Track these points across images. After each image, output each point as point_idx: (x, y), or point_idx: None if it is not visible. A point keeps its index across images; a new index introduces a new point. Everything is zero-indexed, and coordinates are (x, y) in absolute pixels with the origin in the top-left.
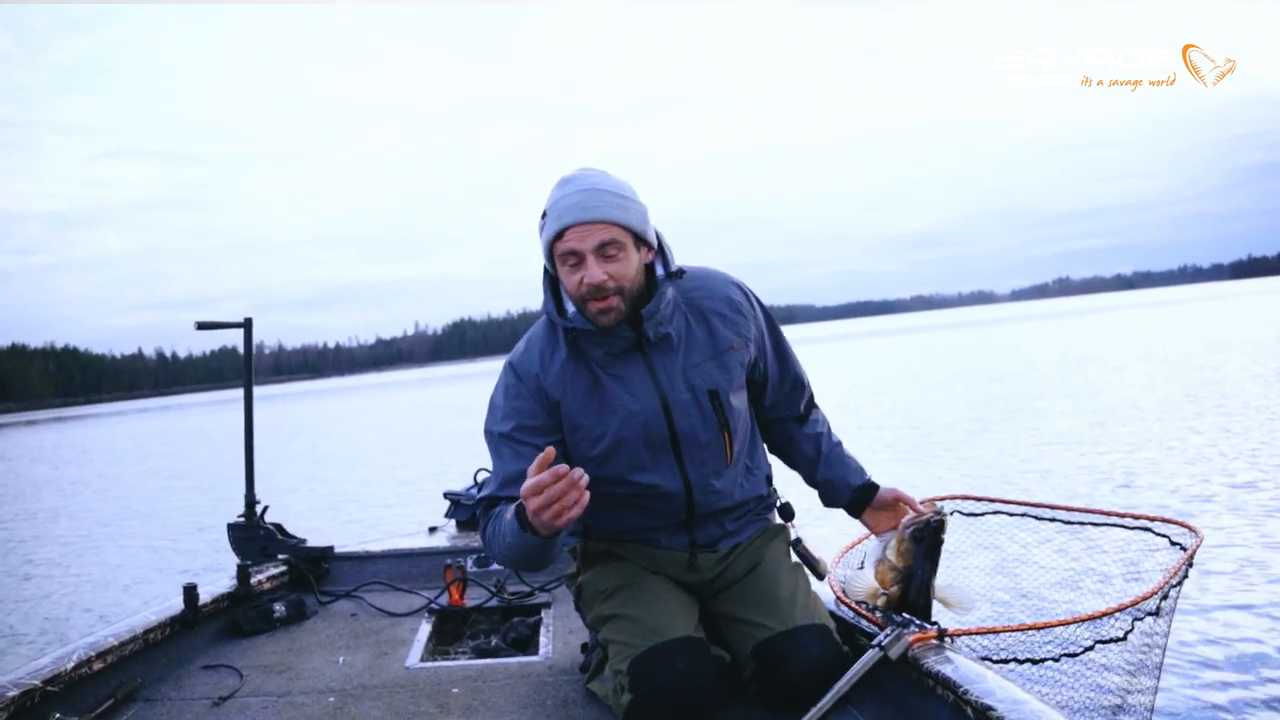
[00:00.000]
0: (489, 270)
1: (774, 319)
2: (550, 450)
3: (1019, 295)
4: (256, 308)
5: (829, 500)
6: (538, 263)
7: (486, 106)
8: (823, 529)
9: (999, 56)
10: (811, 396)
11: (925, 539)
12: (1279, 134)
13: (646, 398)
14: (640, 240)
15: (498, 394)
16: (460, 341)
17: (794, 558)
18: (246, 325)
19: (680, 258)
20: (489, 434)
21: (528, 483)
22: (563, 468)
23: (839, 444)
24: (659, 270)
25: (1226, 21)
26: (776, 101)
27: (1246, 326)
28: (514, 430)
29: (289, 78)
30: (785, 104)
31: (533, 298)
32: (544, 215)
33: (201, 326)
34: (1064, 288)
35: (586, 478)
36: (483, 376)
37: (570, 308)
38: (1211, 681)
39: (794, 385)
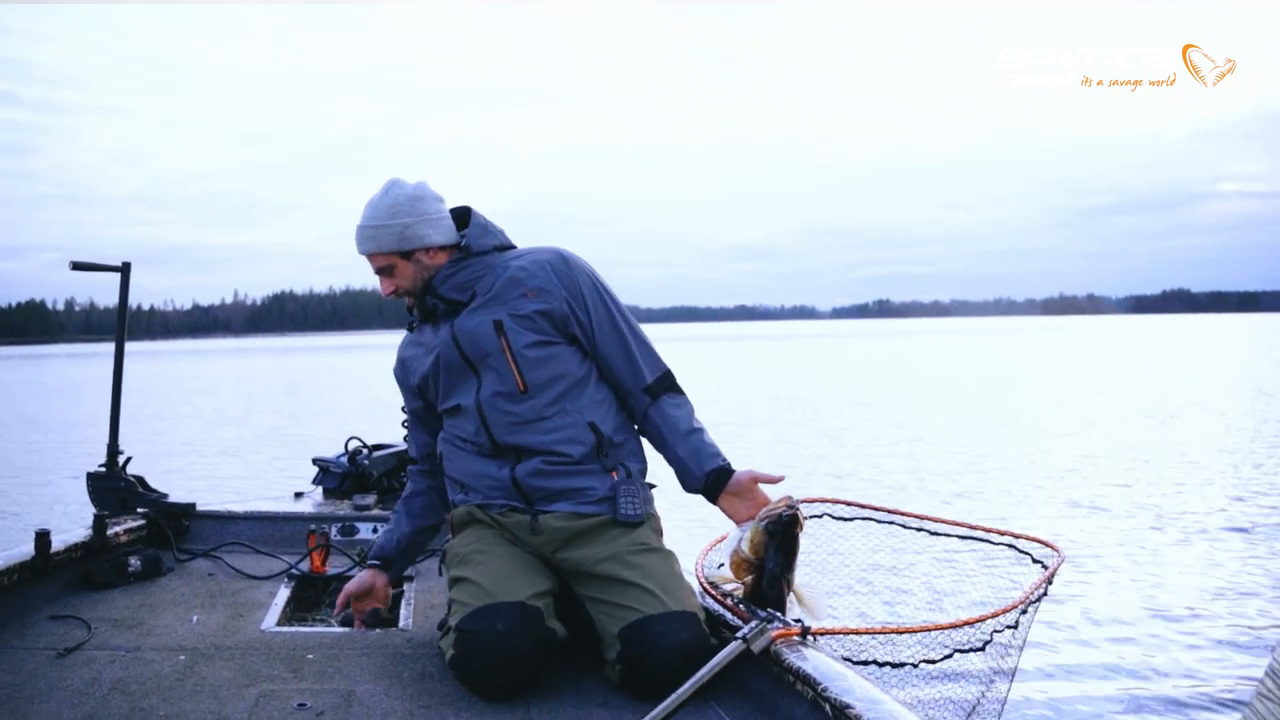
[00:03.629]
0: (318, 244)
1: (603, 288)
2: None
3: (840, 313)
4: (69, 261)
5: (685, 482)
6: None
7: (332, 78)
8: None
9: (1002, 55)
10: (668, 376)
11: (778, 532)
12: (1105, 180)
13: (444, 334)
14: (409, 253)
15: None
16: (280, 314)
17: (664, 542)
18: (124, 269)
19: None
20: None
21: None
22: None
23: (700, 429)
24: (466, 243)
25: (1226, 21)
26: (629, 101)
27: (1062, 357)
28: (409, 412)
29: (131, 24)
30: (638, 105)
31: (356, 274)
32: None
33: (76, 267)
34: (883, 309)
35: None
36: (308, 351)
37: None
38: (1058, 690)
39: (634, 353)
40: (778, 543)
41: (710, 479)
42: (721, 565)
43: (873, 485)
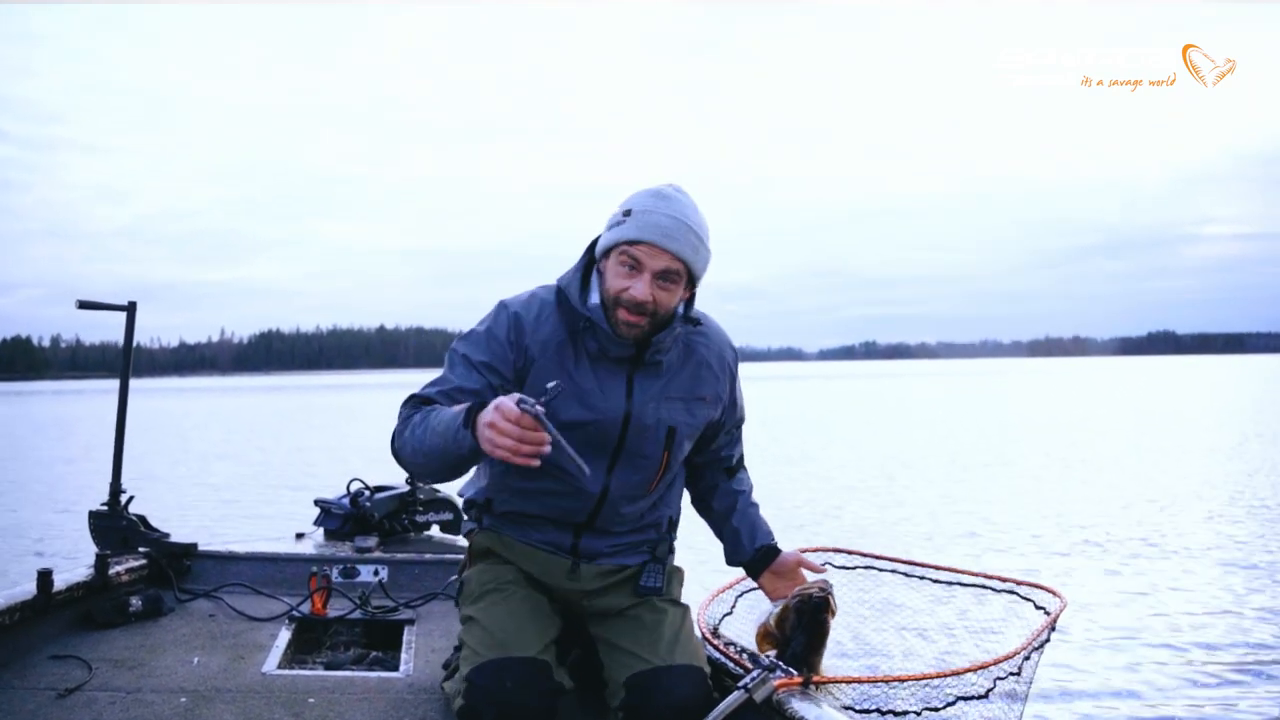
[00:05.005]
0: (303, 283)
1: (741, 387)
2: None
3: (826, 355)
4: (55, 297)
5: (732, 554)
6: (356, 277)
7: (312, 112)
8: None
9: (1001, 55)
10: (742, 456)
11: (806, 613)
12: (1090, 222)
13: (615, 403)
14: (691, 281)
15: (483, 325)
16: (266, 352)
17: (683, 598)
18: (130, 309)
19: (504, 288)
20: (455, 351)
21: (513, 409)
22: (545, 435)
23: (756, 505)
24: (679, 309)
25: (1226, 22)
26: (614, 139)
27: (1049, 399)
28: (481, 361)
29: (113, 57)
30: (622, 142)
31: (343, 314)
32: (627, 212)
33: (83, 306)
34: (869, 351)
35: (548, 449)
36: (297, 390)
37: (594, 298)
38: None
39: (735, 443)
40: (805, 623)
41: (758, 554)
42: (728, 614)
43: (861, 529)
